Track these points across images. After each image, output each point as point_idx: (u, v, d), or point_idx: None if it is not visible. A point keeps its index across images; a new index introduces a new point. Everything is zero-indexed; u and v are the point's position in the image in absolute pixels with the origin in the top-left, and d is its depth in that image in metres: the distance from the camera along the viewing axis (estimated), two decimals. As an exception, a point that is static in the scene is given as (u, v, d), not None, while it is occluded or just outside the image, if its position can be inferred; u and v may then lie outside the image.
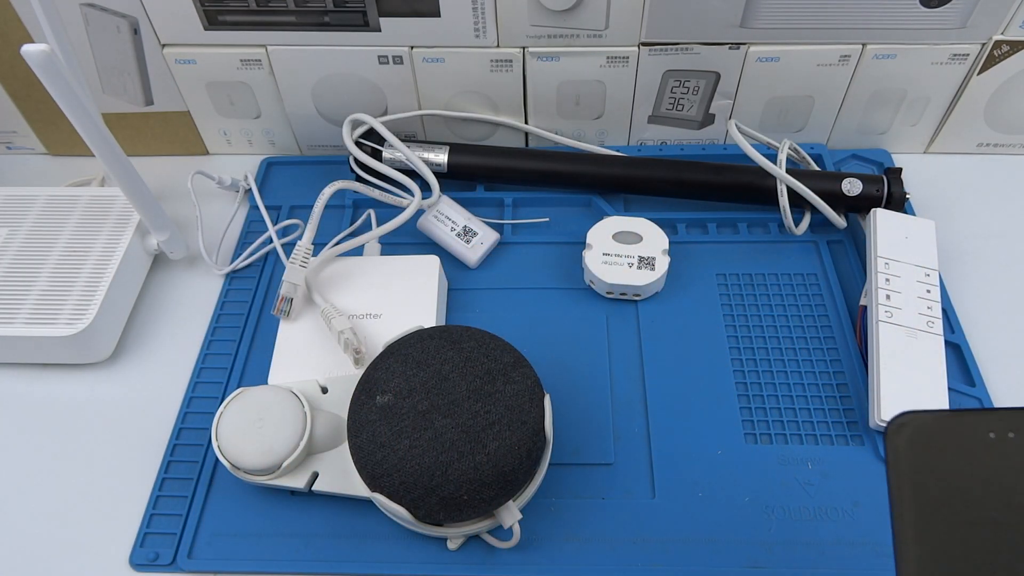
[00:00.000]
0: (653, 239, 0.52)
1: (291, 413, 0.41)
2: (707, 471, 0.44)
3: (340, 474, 0.42)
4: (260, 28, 0.54)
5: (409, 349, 0.40)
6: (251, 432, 0.41)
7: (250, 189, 0.60)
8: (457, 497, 0.36)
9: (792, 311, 0.52)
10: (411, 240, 0.56)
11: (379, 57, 0.55)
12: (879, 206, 0.53)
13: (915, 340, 0.46)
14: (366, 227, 0.57)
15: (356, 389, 0.41)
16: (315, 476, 0.42)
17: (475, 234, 0.55)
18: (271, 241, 0.56)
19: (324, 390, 0.45)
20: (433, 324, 0.48)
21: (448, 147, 0.58)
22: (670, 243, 0.53)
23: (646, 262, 0.51)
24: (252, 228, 0.59)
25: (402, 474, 0.37)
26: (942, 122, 0.59)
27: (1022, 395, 0.47)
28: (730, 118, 0.59)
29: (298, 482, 0.42)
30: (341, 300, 0.49)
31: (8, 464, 0.47)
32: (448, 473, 0.36)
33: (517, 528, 0.39)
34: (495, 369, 0.39)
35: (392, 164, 0.57)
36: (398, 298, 0.49)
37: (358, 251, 0.53)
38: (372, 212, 0.57)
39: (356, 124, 0.58)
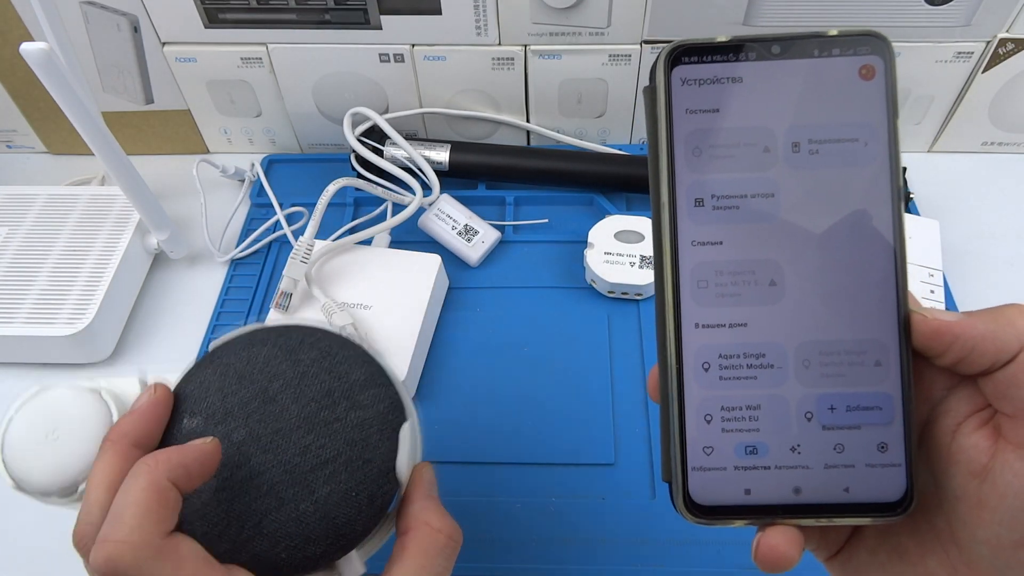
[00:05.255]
0: (655, 238, 0.52)
1: (92, 422, 0.32)
2: (709, 472, 0.44)
3: None
4: (261, 26, 0.54)
5: (231, 357, 0.31)
6: (42, 444, 0.32)
7: (257, 178, 0.60)
8: (273, 555, 0.29)
9: (795, 311, 0.51)
10: (412, 239, 0.56)
11: (380, 55, 0.55)
12: (882, 205, 0.53)
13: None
14: (365, 225, 0.57)
15: None
16: None
17: (476, 233, 0.54)
18: (275, 229, 0.56)
19: None
20: (420, 323, 0.47)
21: (449, 145, 0.57)
22: (672, 242, 0.53)
23: (648, 261, 0.51)
24: (256, 215, 0.59)
25: (205, 522, 0.28)
26: (946, 121, 0.59)
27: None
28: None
29: None
30: (336, 287, 0.49)
31: (8, 463, 0.47)
32: (263, 525, 0.28)
33: None
34: (338, 390, 0.31)
35: (392, 163, 0.57)
36: (391, 292, 0.49)
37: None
38: (389, 204, 0.57)
39: (356, 118, 0.58)
